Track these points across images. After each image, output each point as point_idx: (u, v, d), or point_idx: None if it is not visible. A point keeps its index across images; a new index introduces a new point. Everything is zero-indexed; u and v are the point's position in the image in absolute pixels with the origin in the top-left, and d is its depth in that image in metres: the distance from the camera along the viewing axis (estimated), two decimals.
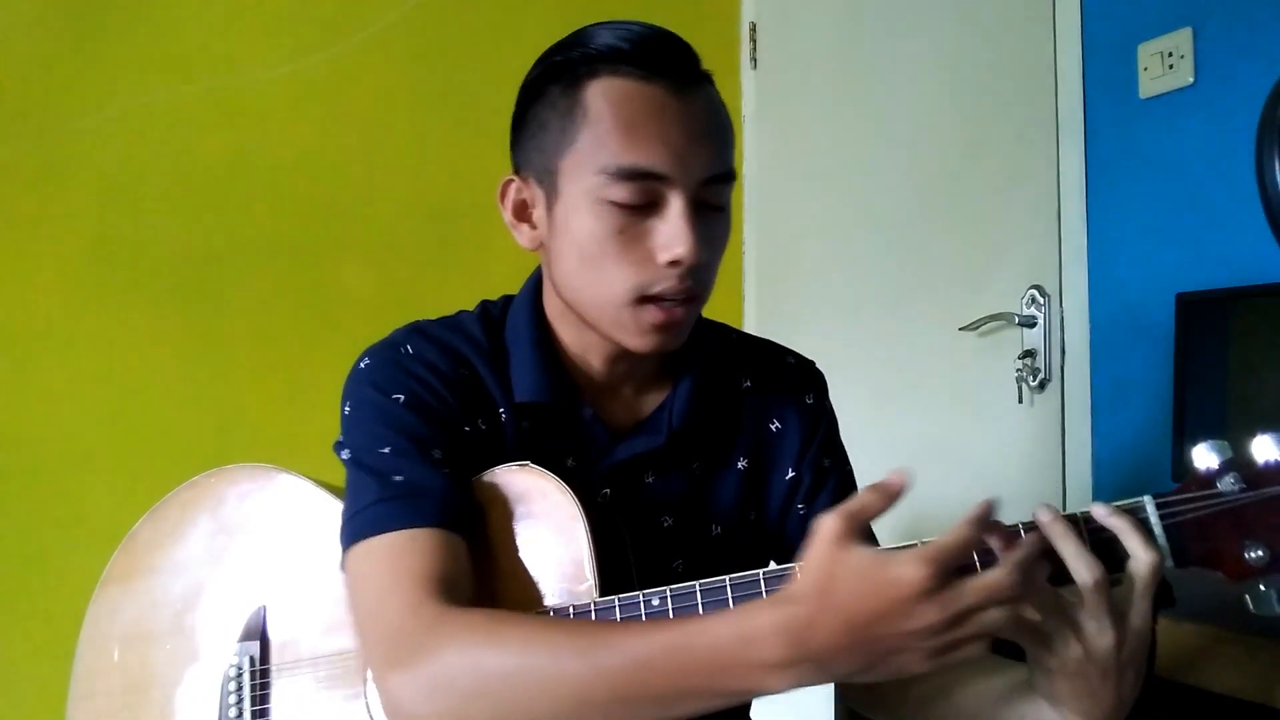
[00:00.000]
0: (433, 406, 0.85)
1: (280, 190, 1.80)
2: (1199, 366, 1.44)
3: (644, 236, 0.81)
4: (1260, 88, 1.30)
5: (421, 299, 1.86)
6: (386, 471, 0.81)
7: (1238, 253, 1.55)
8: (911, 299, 2.02)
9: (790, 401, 0.98)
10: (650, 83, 0.81)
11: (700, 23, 2.23)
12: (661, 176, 0.80)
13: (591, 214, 0.81)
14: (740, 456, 0.95)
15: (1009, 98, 1.90)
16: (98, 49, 1.67)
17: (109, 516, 1.10)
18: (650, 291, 0.82)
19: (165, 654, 0.93)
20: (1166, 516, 0.71)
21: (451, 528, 0.79)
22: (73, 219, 1.65)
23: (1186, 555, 0.71)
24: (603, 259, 0.82)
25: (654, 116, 0.80)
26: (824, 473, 0.97)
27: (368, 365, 0.88)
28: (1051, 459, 1.82)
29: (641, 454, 0.91)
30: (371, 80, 1.86)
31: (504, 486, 0.84)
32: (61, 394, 1.63)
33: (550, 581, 0.80)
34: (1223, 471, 0.71)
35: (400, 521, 0.78)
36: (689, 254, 0.80)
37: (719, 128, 0.84)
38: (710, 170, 0.82)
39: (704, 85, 0.84)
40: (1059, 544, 0.69)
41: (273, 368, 1.75)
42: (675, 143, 0.80)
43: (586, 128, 0.81)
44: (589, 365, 0.91)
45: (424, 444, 0.83)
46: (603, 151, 0.80)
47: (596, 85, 0.81)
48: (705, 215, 0.83)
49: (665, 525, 0.92)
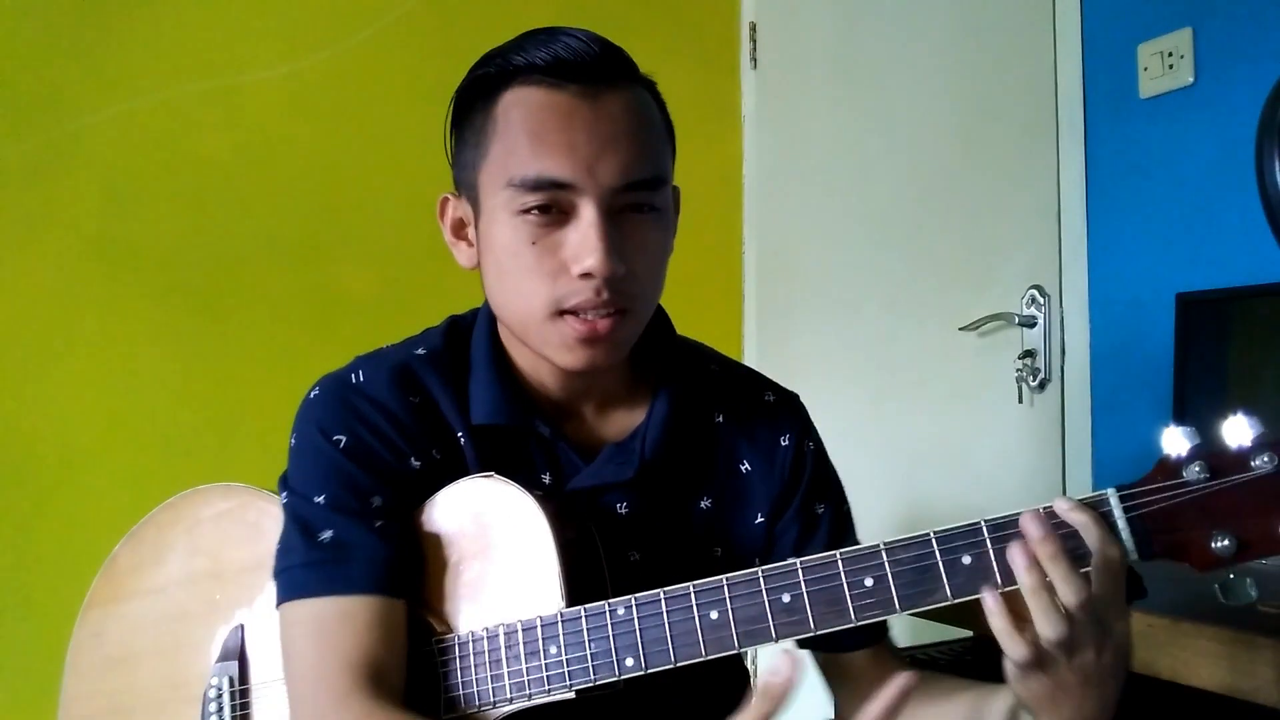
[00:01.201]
0: (374, 449, 0.83)
1: (280, 190, 1.79)
2: (1199, 366, 1.44)
3: (557, 247, 0.79)
4: (1260, 88, 1.30)
5: (421, 299, 1.86)
6: (316, 527, 0.80)
7: (1238, 253, 1.55)
8: (911, 299, 2.02)
9: (764, 443, 0.93)
10: (559, 89, 0.78)
11: (700, 23, 2.22)
12: (567, 185, 0.77)
13: (507, 226, 0.79)
14: (705, 495, 0.91)
15: (1009, 98, 1.90)
16: (98, 49, 1.67)
17: (109, 517, 1.10)
18: (566, 305, 0.79)
19: (147, 677, 0.93)
20: (1131, 509, 0.70)
21: (384, 591, 0.79)
22: (73, 219, 1.64)
23: (1151, 547, 0.70)
24: (519, 272, 0.79)
25: (560, 124, 0.77)
26: (815, 519, 0.93)
27: (315, 398, 0.86)
28: (1051, 459, 1.82)
29: (611, 483, 0.87)
30: (371, 80, 1.86)
31: (467, 497, 0.82)
32: (61, 394, 1.63)
33: (517, 593, 0.79)
34: (1190, 459, 0.69)
35: (326, 588, 0.79)
36: (599, 265, 0.76)
37: (639, 131, 0.80)
38: (626, 177, 0.78)
39: (624, 88, 0.80)
40: (1045, 559, 0.68)
41: (272, 367, 1.75)
42: (582, 149, 0.77)
43: (497, 139, 0.79)
44: (543, 384, 0.88)
45: (362, 494, 0.81)
46: (511, 162, 0.78)
47: (509, 96, 0.80)
48: (627, 223, 0.80)
49: (632, 560, 0.88)
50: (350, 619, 0.78)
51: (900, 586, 0.72)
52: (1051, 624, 0.67)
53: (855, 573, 0.73)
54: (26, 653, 1.56)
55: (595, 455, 0.88)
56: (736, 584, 0.74)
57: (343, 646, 0.77)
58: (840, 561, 0.73)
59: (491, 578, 0.80)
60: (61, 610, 1.05)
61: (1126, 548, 0.69)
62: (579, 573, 0.79)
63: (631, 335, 0.83)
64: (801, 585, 0.73)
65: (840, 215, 2.16)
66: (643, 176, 0.79)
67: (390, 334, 0.95)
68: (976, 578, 0.71)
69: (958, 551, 0.71)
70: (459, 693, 0.79)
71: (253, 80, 1.77)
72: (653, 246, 0.82)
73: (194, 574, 0.93)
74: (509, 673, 0.78)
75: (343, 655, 0.77)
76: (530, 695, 0.77)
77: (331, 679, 0.77)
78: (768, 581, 0.74)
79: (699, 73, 2.19)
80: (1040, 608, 0.68)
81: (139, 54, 1.70)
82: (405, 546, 0.82)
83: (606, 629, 0.76)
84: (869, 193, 2.11)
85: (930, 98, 2.01)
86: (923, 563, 0.72)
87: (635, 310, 0.82)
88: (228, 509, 0.94)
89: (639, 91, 0.82)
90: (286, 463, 0.87)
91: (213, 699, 0.88)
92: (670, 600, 0.75)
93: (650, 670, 0.75)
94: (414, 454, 0.84)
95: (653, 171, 0.80)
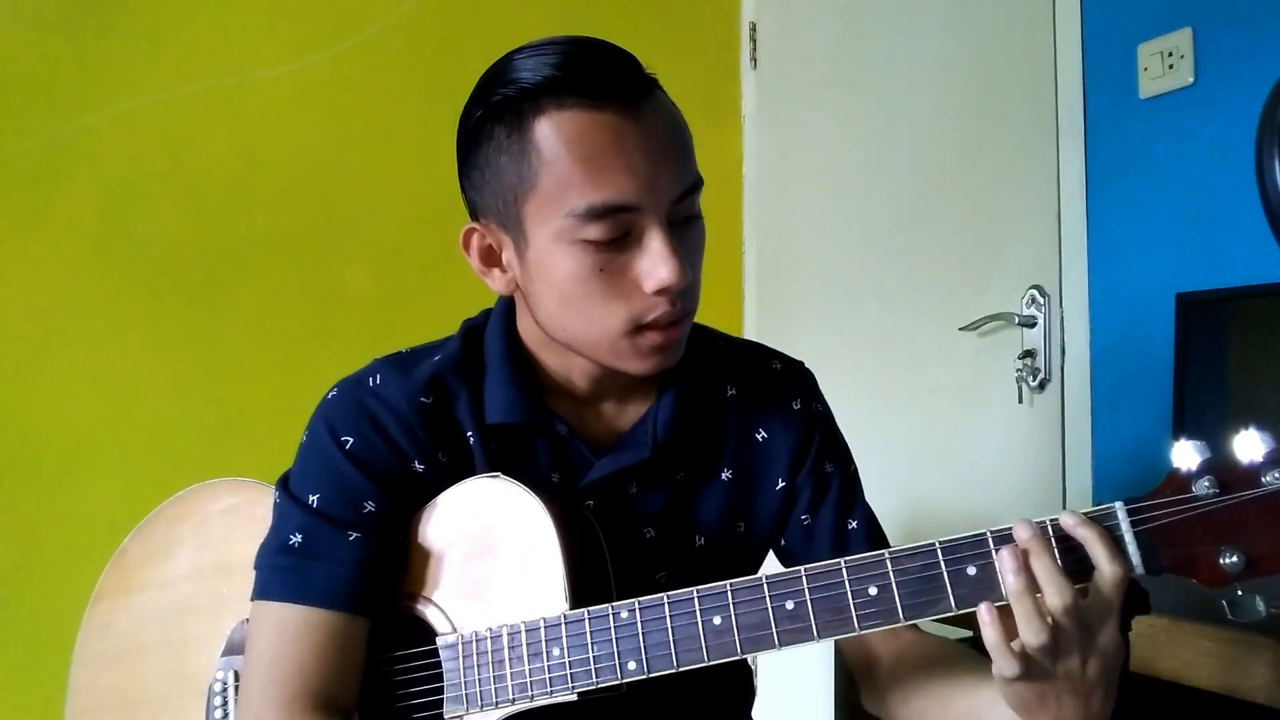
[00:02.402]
0: (378, 450, 0.84)
1: (280, 190, 1.79)
2: (1199, 366, 1.44)
3: (626, 269, 0.78)
4: (1260, 88, 1.30)
5: (421, 299, 1.86)
6: (290, 530, 0.82)
7: (1238, 253, 1.55)
8: (911, 299, 2.02)
9: (776, 409, 0.95)
10: (600, 109, 0.76)
11: (700, 23, 2.22)
12: (633, 209, 0.77)
13: (568, 256, 0.78)
14: (725, 467, 0.92)
15: (1009, 98, 1.90)
16: (98, 49, 1.67)
17: (109, 517, 1.11)
18: (645, 321, 0.80)
19: (154, 669, 0.94)
20: (1138, 523, 0.69)
21: (343, 607, 0.80)
22: (73, 219, 1.64)
23: (1159, 562, 0.69)
24: (588, 299, 0.79)
25: (612, 146, 0.76)
26: (825, 479, 0.95)
27: (333, 399, 0.87)
28: (1051, 459, 1.82)
29: (626, 467, 0.88)
30: (371, 80, 1.86)
31: (473, 497, 0.83)
32: (61, 394, 1.63)
33: (522, 594, 0.79)
34: (1200, 474, 0.68)
35: (288, 594, 0.80)
36: (675, 279, 0.77)
37: (679, 138, 0.80)
38: (680, 187, 0.79)
39: (653, 95, 0.79)
40: (1033, 563, 0.69)
41: (272, 367, 1.75)
42: (640, 169, 0.76)
43: (544, 170, 0.77)
44: (571, 384, 0.89)
45: (354, 498, 0.82)
46: (569, 193, 0.76)
47: (545, 122, 0.76)
48: (682, 232, 0.81)
49: (648, 537, 0.90)
50: (308, 630, 0.80)
51: (904, 596, 0.72)
52: (1034, 630, 0.67)
53: (860, 581, 0.73)
54: (32, 645, 1.56)
55: (612, 446, 0.89)
56: (740, 589, 0.75)
57: (297, 656, 0.79)
58: (845, 570, 0.73)
59: (496, 578, 0.81)
60: (65, 604, 1.06)
61: (1132, 562, 0.69)
62: (584, 573, 0.80)
63: (687, 337, 0.85)
64: (806, 593, 0.73)
65: (840, 215, 2.16)
66: (692, 180, 0.80)
67: (390, 334, 0.95)
68: (981, 589, 0.71)
69: (963, 562, 0.71)
70: (461, 692, 0.80)
71: (254, 80, 1.77)
72: (699, 248, 0.84)
73: (202, 568, 0.94)
74: (511, 673, 0.78)
75: (295, 664, 0.79)
76: (532, 696, 0.77)
77: (279, 685, 0.79)
78: (772, 588, 0.74)
79: (699, 73, 2.19)
80: (1024, 613, 0.68)
81: (139, 54, 1.70)
82: (386, 561, 0.83)
83: (610, 632, 0.76)
84: (869, 192, 2.11)
85: (930, 97, 2.01)
86: (927, 572, 0.72)
87: (692, 313, 0.84)
88: (235, 504, 0.95)
89: (661, 95, 0.81)
90: (292, 460, 0.88)
91: (218, 692, 0.89)
92: (674, 604, 0.75)
93: (652, 674, 0.75)
94: (418, 457, 0.85)
95: (696, 174, 0.81)
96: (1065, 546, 0.70)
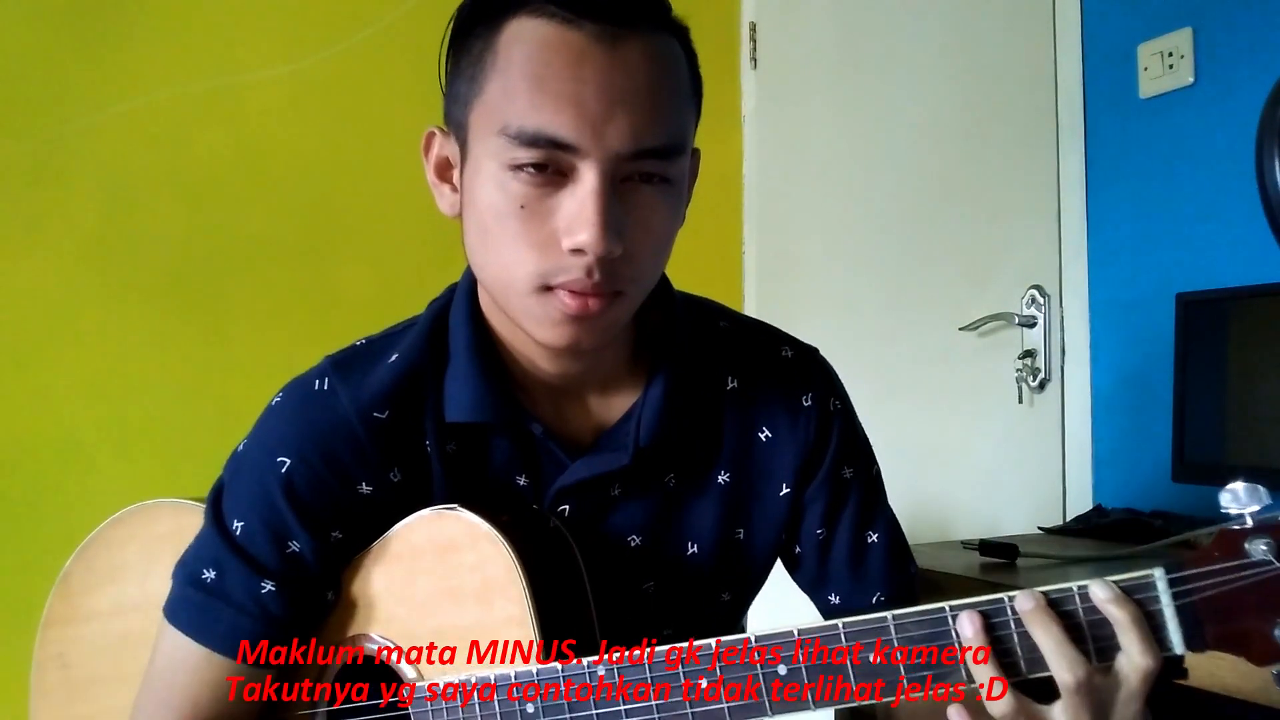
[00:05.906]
0: (318, 475, 0.76)
1: (280, 190, 1.79)
2: (1199, 366, 1.44)
3: (549, 215, 0.67)
4: (1260, 88, 1.30)
5: (421, 299, 1.85)
6: (206, 560, 0.77)
7: (1238, 253, 1.55)
8: (911, 298, 2.02)
9: (783, 405, 0.83)
10: (573, 26, 0.65)
11: (700, 23, 2.20)
12: (568, 145, 0.65)
13: (493, 181, 0.68)
14: (721, 470, 0.82)
15: (1009, 98, 1.90)
16: (98, 49, 1.67)
17: (108, 517, 1.10)
18: (553, 281, 0.68)
19: (111, 703, 0.89)
20: (1180, 595, 0.59)
21: (253, 662, 0.76)
22: (73, 219, 1.64)
23: (1202, 641, 0.59)
24: (502, 237, 0.68)
25: (568, 70, 0.65)
26: (843, 486, 0.85)
27: (277, 406, 0.80)
28: (1051, 459, 1.82)
29: (603, 474, 0.78)
30: (371, 80, 1.86)
31: (430, 533, 0.76)
32: (61, 394, 1.63)
33: (488, 634, 0.73)
34: (1256, 533, 0.58)
35: (194, 630, 0.76)
36: (593, 243, 0.65)
37: (659, 87, 0.68)
38: (637, 143, 0.66)
39: (648, 33, 0.68)
40: (1038, 636, 0.60)
41: (271, 367, 1.74)
42: (589, 105, 0.65)
43: (495, 76, 0.67)
44: (537, 368, 0.78)
45: (279, 537, 0.76)
46: (507, 107, 0.66)
47: (514, 25, 0.67)
48: (632, 195, 0.68)
49: (633, 545, 0.81)
50: (207, 668, 0.77)
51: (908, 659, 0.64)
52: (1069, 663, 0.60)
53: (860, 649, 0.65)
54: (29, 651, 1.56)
55: (590, 446, 0.80)
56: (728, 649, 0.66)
57: (191, 688, 0.77)
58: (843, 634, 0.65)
59: (462, 621, 0.75)
60: None
61: (1171, 641, 0.59)
62: (554, 603, 0.74)
63: (622, 319, 0.74)
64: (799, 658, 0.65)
65: (840, 215, 2.16)
66: (657, 144, 0.67)
67: None
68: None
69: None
70: None
71: (253, 80, 1.77)
72: (658, 224, 0.70)
73: (150, 597, 0.88)
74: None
75: (189, 695, 0.77)
76: None
77: (171, 711, 0.77)
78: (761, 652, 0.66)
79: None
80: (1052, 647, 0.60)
81: (139, 54, 1.70)
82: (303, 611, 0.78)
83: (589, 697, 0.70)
84: (869, 192, 2.11)
85: (930, 97, 2.01)
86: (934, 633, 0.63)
87: (629, 293, 0.71)
88: (178, 527, 0.87)
89: (666, 40, 0.70)
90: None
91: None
92: (654, 667, 0.68)
93: None
94: (365, 479, 0.77)
95: (668, 138, 0.68)
96: (1093, 617, 0.60)
